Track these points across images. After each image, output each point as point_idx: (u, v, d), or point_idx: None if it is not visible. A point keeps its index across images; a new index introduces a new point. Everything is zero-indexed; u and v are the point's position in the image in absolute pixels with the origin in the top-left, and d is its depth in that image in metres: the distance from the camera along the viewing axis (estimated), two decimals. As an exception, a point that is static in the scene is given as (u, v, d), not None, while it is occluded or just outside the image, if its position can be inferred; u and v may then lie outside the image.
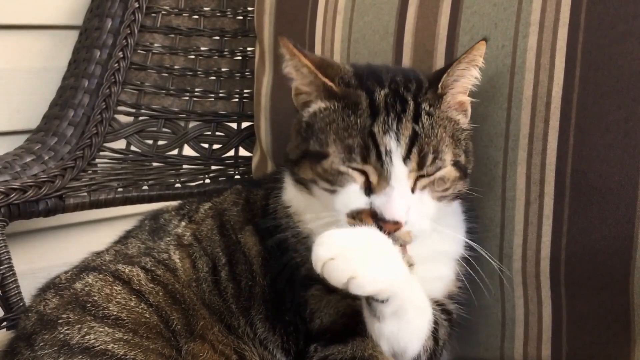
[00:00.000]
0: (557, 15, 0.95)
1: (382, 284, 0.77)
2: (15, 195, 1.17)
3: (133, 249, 1.00)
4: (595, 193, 0.92)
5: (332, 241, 0.77)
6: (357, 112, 0.85)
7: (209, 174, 1.43)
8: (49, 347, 0.85)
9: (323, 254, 0.76)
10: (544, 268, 0.97)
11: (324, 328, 0.91)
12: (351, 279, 0.74)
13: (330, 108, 0.87)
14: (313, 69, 0.88)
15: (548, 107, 0.95)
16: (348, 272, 0.74)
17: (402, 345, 0.87)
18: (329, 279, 0.76)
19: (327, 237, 0.77)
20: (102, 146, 1.33)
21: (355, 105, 0.86)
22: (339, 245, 0.76)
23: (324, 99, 0.89)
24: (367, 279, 0.75)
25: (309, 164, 0.88)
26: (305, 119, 0.90)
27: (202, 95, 1.43)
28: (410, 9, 1.09)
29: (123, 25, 1.34)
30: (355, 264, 0.75)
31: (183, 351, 0.88)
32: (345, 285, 0.75)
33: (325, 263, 0.75)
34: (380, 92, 0.87)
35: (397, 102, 0.86)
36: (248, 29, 1.44)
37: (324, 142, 0.86)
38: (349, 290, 0.75)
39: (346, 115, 0.85)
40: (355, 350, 0.88)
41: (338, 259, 0.75)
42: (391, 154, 0.82)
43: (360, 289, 0.75)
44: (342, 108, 0.86)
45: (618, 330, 0.94)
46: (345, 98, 0.87)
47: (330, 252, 0.76)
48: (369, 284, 0.75)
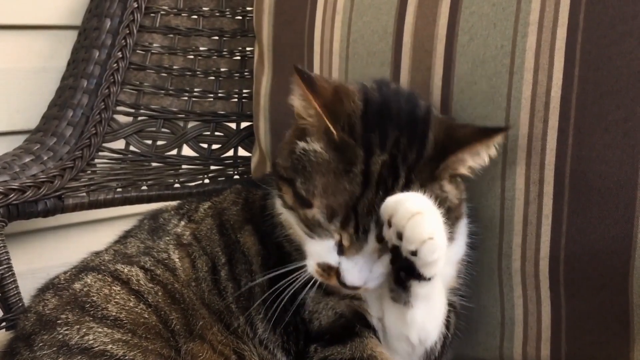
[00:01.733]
0: (556, 15, 0.95)
1: (442, 255, 0.78)
2: (14, 196, 1.17)
3: (132, 249, 1.00)
4: (594, 193, 0.92)
5: (418, 198, 0.78)
6: (349, 175, 0.81)
7: (208, 174, 1.43)
8: (48, 347, 0.85)
9: (411, 207, 0.76)
10: (543, 268, 0.97)
11: (323, 329, 0.91)
12: (429, 240, 0.75)
13: (326, 158, 0.83)
14: (321, 113, 0.83)
15: (547, 107, 0.95)
16: (430, 231, 0.75)
17: (427, 332, 0.88)
18: (410, 235, 0.75)
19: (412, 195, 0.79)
20: (101, 146, 1.33)
21: (349, 164, 0.82)
22: (424, 203, 0.77)
23: (322, 141, 0.84)
24: (441, 243, 0.76)
25: (293, 197, 0.86)
26: (300, 153, 0.86)
27: (201, 95, 1.42)
28: (409, 9, 1.09)
29: (122, 25, 1.34)
30: (436, 227, 0.76)
31: (182, 351, 0.88)
32: (420, 245, 0.75)
33: (412, 215, 0.75)
34: (378, 159, 0.82)
35: (389, 177, 0.82)
36: (247, 29, 1.44)
37: (310, 191, 0.83)
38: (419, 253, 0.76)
39: (339, 174, 0.82)
40: (355, 351, 0.88)
41: (426, 215, 0.76)
42: (367, 233, 0.82)
43: (431, 253, 0.76)
44: (337, 163, 0.82)
45: (617, 329, 0.94)
46: (343, 152, 0.83)
47: (418, 206, 0.76)
48: (439, 249, 0.76)
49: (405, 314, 0.86)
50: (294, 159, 0.87)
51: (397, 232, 0.77)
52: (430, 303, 0.86)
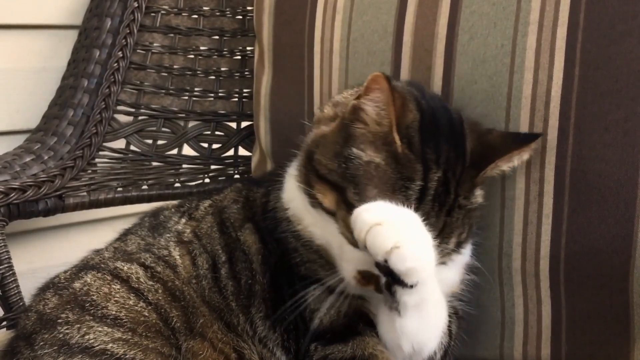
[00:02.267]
0: (556, 15, 0.95)
1: (419, 263, 0.76)
2: (15, 195, 1.17)
3: (132, 246, 1.00)
4: (594, 192, 0.92)
5: (379, 209, 0.77)
6: (407, 191, 0.82)
7: (208, 174, 1.43)
8: (48, 346, 0.85)
9: (370, 219, 0.75)
10: (543, 267, 0.97)
11: (324, 327, 0.91)
12: (394, 249, 0.74)
13: (387, 171, 0.82)
14: (394, 123, 0.82)
15: (547, 106, 0.95)
16: (393, 240, 0.74)
17: (422, 342, 0.87)
18: (371, 246, 0.74)
19: (373, 205, 0.78)
20: (102, 146, 1.33)
21: (409, 180, 0.82)
22: (386, 214, 0.76)
23: (383, 152, 0.83)
24: (410, 251, 0.74)
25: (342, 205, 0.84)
26: (353, 160, 0.84)
27: (201, 94, 1.43)
28: (409, 9, 1.09)
29: (122, 24, 1.35)
30: (401, 234, 0.75)
31: (182, 349, 0.88)
32: (386, 255, 0.74)
33: (371, 227, 0.74)
34: (434, 176, 0.83)
35: (442, 194, 0.84)
36: (247, 28, 1.44)
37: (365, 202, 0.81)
38: (389, 262, 0.74)
39: (398, 188, 0.82)
40: (356, 350, 0.88)
41: (385, 225, 0.75)
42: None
43: (400, 262, 0.74)
44: (396, 178, 0.82)
45: (617, 329, 0.94)
46: (403, 166, 0.82)
47: (377, 217, 0.75)
48: (410, 257, 0.74)
49: (395, 322, 0.84)
50: (342, 164, 0.84)
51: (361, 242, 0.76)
52: (423, 313, 0.84)
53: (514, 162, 0.90)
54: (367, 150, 0.84)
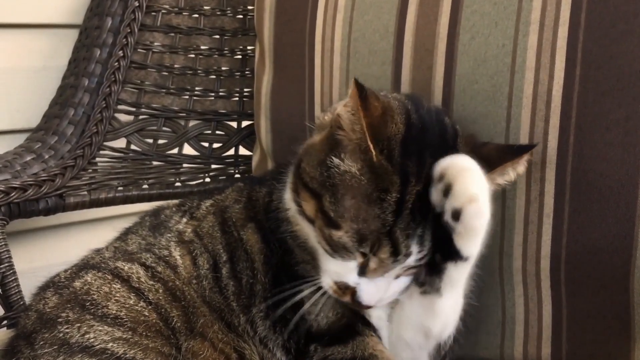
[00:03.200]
0: (558, 14, 0.95)
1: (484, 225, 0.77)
2: (16, 194, 1.17)
3: (133, 245, 1.00)
4: (595, 192, 0.92)
5: (469, 159, 0.79)
6: (383, 204, 0.80)
7: (209, 173, 1.43)
8: (48, 345, 0.85)
9: (461, 162, 0.77)
10: (544, 267, 0.97)
11: (323, 329, 0.91)
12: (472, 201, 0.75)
13: (361, 181, 0.81)
14: (365, 130, 0.80)
15: (548, 105, 0.95)
16: (477, 190, 0.76)
17: (449, 323, 0.88)
18: (460, 186, 0.76)
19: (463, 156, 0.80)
20: (102, 145, 1.33)
21: (384, 191, 0.80)
22: (476, 166, 0.78)
23: (359, 161, 0.82)
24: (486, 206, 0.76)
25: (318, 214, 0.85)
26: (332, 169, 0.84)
27: (202, 94, 1.43)
28: (410, 8, 1.09)
29: (123, 24, 1.35)
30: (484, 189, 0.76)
31: (183, 349, 0.88)
32: (466, 202, 0.75)
33: (462, 169, 0.76)
34: (413, 190, 0.81)
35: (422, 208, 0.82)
36: (248, 27, 1.44)
37: (340, 213, 0.82)
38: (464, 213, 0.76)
39: (372, 201, 0.81)
40: (356, 350, 0.88)
41: (476, 172, 0.76)
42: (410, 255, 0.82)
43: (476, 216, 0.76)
44: (372, 189, 0.81)
45: (618, 328, 0.94)
46: (379, 177, 0.81)
47: (471, 164, 0.77)
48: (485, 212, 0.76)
49: (435, 303, 0.85)
50: (323, 172, 0.84)
51: (445, 187, 0.77)
52: (457, 291, 0.85)
53: (508, 174, 0.88)
54: (345, 159, 0.83)
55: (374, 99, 0.83)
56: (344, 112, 0.83)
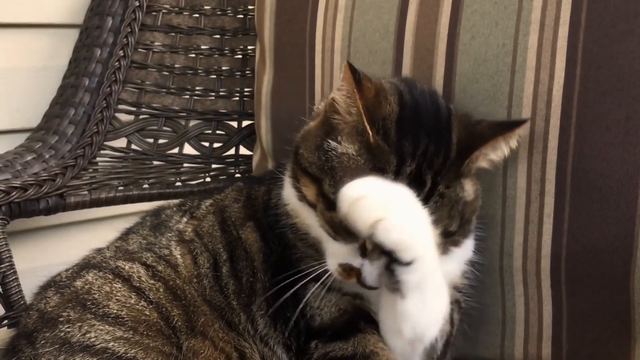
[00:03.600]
0: (558, 14, 0.95)
1: (409, 235, 0.74)
2: (16, 194, 1.17)
3: (134, 245, 1.00)
4: (595, 191, 0.92)
5: (363, 184, 0.76)
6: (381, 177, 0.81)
7: (209, 173, 1.43)
8: (49, 345, 0.85)
9: (352, 194, 0.74)
10: (544, 266, 0.97)
11: (325, 325, 0.91)
12: (379, 221, 0.72)
13: (359, 162, 0.83)
14: (362, 112, 0.82)
15: (549, 105, 0.95)
16: (378, 213, 0.72)
17: (423, 326, 0.85)
18: (355, 221, 0.73)
19: (359, 181, 0.77)
20: (103, 145, 1.33)
21: (381, 171, 0.81)
22: (370, 187, 0.75)
23: (356, 143, 0.83)
24: (396, 222, 0.73)
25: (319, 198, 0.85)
26: (331, 153, 0.85)
27: (202, 93, 1.42)
28: (410, 8, 1.09)
29: (123, 23, 1.35)
30: (386, 206, 0.73)
31: (184, 348, 0.88)
32: (371, 229, 0.73)
33: (354, 202, 0.73)
34: (407, 169, 0.82)
35: (415, 184, 0.82)
36: (248, 27, 1.44)
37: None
38: (374, 236, 0.73)
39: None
40: (357, 347, 0.88)
41: (369, 198, 0.73)
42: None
43: (386, 233, 0.73)
44: (369, 170, 0.82)
45: (618, 328, 0.94)
46: (376, 157, 0.82)
47: (360, 191, 0.74)
48: (396, 228, 0.73)
49: (396, 304, 0.82)
50: (321, 156, 0.85)
51: (348, 221, 0.75)
52: (425, 294, 0.82)
53: (501, 148, 0.88)
54: (342, 141, 0.84)
55: (367, 81, 0.85)
56: (339, 95, 0.85)
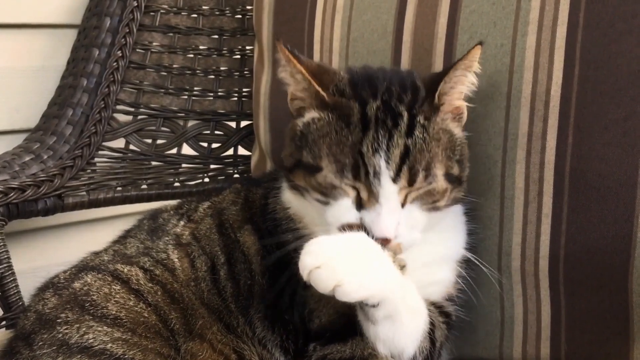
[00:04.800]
0: (556, 14, 0.95)
1: (369, 291, 0.77)
2: (14, 195, 1.17)
3: (131, 249, 1.00)
4: (594, 192, 0.92)
5: (319, 249, 0.78)
6: (349, 127, 0.84)
7: (208, 173, 1.43)
8: (47, 346, 0.85)
9: (309, 262, 0.76)
10: (542, 267, 0.97)
11: (323, 327, 0.91)
12: (337, 287, 0.75)
13: (324, 119, 0.87)
14: (307, 76, 0.87)
15: (547, 105, 0.95)
16: (334, 280, 0.75)
17: (398, 348, 0.87)
18: (315, 287, 0.76)
19: (315, 244, 0.78)
20: (101, 145, 1.33)
21: (347, 117, 0.85)
22: (325, 253, 0.77)
23: (317, 108, 0.88)
24: (353, 286, 0.76)
25: (303, 174, 0.88)
26: (300, 128, 0.90)
27: (201, 94, 1.42)
28: (409, 8, 1.09)
29: (122, 24, 1.34)
30: (341, 272, 0.76)
31: (182, 350, 0.88)
32: (331, 293, 0.76)
33: (311, 271, 0.76)
34: (373, 105, 0.86)
35: (389, 117, 0.85)
36: (247, 27, 1.44)
37: (317, 155, 0.86)
38: (336, 298, 0.76)
39: (339, 128, 0.85)
40: (355, 350, 0.88)
41: (323, 267, 0.76)
42: (380, 175, 0.82)
43: (346, 296, 0.76)
44: (335, 120, 0.86)
45: (617, 328, 0.94)
46: (338, 109, 0.86)
47: (316, 260, 0.76)
48: (354, 291, 0.76)
49: (369, 329, 0.85)
50: (295, 140, 0.89)
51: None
52: (397, 322, 0.84)
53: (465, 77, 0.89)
54: (306, 114, 0.89)
55: (305, 59, 0.91)
56: (282, 72, 0.90)
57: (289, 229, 0.94)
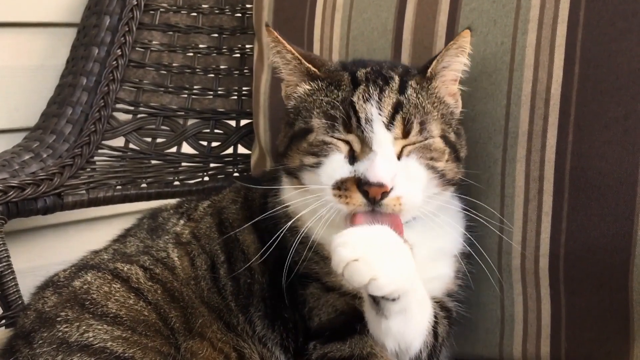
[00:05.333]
0: (556, 12, 0.95)
1: (397, 285, 0.78)
2: (14, 193, 1.17)
3: (131, 248, 1.00)
4: (594, 190, 0.92)
5: (354, 241, 0.77)
6: (340, 87, 0.89)
7: (207, 172, 1.43)
8: (47, 345, 0.85)
9: (347, 255, 0.76)
10: (543, 265, 0.97)
11: (323, 326, 0.91)
12: (372, 281, 0.75)
13: (315, 87, 0.91)
14: (296, 55, 0.91)
15: (547, 104, 0.95)
16: (370, 274, 0.75)
17: (407, 342, 0.87)
18: (349, 279, 0.76)
19: (349, 236, 0.78)
20: (101, 144, 1.33)
21: (338, 82, 0.90)
22: (361, 246, 0.77)
23: (308, 81, 0.92)
24: (387, 280, 0.76)
25: (296, 148, 0.89)
26: (292, 104, 0.93)
27: (200, 92, 1.42)
28: (409, 6, 1.09)
29: (121, 22, 1.34)
30: (377, 266, 0.76)
31: (182, 349, 0.88)
32: (364, 286, 0.76)
33: (348, 264, 0.76)
34: (362, 70, 0.91)
35: (379, 78, 0.89)
36: (247, 26, 1.44)
37: (308, 118, 0.89)
38: (367, 291, 0.77)
39: (329, 92, 0.89)
40: (354, 348, 0.88)
41: (361, 261, 0.76)
42: (372, 122, 0.84)
43: (378, 290, 0.76)
44: (327, 86, 0.90)
45: (617, 327, 0.94)
46: (329, 78, 0.91)
47: (354, 253, 0.76)
48: (387, 285, 0.76)
49: (380, 324, 0.85)
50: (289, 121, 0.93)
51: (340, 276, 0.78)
52: (408, 315, 0.84)
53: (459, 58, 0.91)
54: (297, 88, 0.93)
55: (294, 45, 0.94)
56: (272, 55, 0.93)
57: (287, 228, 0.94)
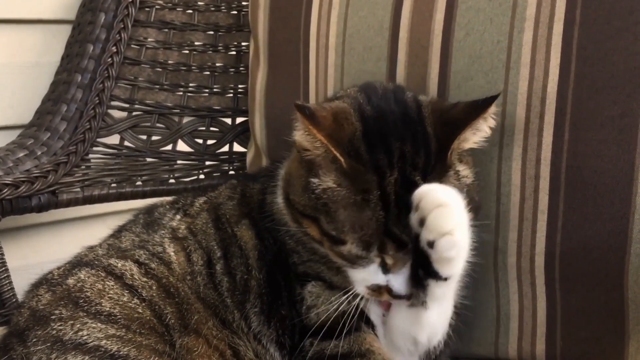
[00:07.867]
0: (553, 11, 0.95)
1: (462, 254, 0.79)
2: (8, 191, 1.16)
3: (126, 242, 1.00)
4: (590, 189, 0.92)
5: (449, 192, 0.78)
6: (370, 204, 0.81)
7: (203, 170, 1.43)
8: (41, 343, 0.84)
9: (440, 198, 0.76)
10: (538, 264, 0.97)
11: (321, 324, 0.91)
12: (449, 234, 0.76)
13: (342, 192, 0.83)
14: (326, 142, 0.83)
15: (543, 102, 0.95)
16: (452, 226, 0.76)
17: (436, 332, 0.89)
18: (432, 221, 0.76)
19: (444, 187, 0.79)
20: (96, 141, 1.32)
21: (366, 192, 0.82)
22: (454, 198, 0.78)
23: (332, 172, 0.84)
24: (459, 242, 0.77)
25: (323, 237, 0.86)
26: (317, 191, 0.85)
27: (196, 90, 1.42)
28: (405, 4, 1.09)
29: (116, 19, 1.34)
30: (460, 224, 0.77)
31: (177, 346, 0.88)
32: (438, 236, 0.76)
33: (439, 206, 0.76)
34: (391, 180, 0.82)
35: (406, 192, 0.81)
36: (242, 23, 1.44)
37: (339, 230, 0.83)
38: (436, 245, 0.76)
39: (359, 205, 0.82)
40: (352, 345, 0.88)
41: (451, 208, 0.76)
42: (407, 246, 0.82)
43: (447, 249, 0.76)
44: (354, 194, 0.82)
45: (612, 325, 0.94)
46: (356, 180, 0.82)
47: (446, 198, 0.76)
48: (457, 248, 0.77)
49: (421, 316, 0.86)
50: (311, 196, 0.85)
51: (420, 218, 0.78)
52: (443, 304, 0.86)
53: (481, 129, 0.87)
54: (322, 176, 0.85)
55: (320, 111, 0.85)
56: (300, 136, 0.85)
57: (285, 232, 0.94)
